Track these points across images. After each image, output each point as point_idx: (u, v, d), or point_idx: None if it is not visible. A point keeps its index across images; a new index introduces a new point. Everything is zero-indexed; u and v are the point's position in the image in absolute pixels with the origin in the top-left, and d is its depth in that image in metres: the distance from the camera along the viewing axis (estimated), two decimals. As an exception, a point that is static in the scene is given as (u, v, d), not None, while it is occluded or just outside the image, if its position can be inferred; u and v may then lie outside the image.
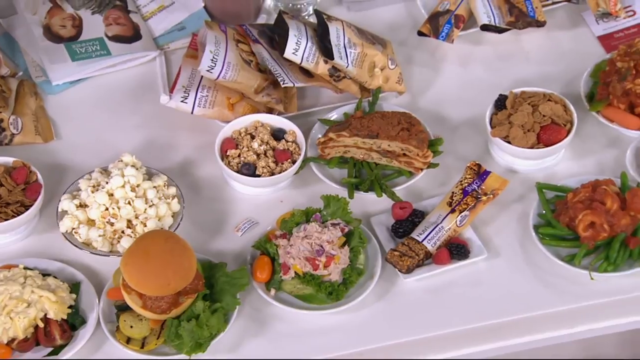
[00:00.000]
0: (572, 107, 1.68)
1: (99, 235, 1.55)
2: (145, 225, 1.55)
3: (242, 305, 1.51)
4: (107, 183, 1.57)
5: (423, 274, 1.55)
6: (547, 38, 1.85)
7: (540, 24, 1.82)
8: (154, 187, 1.59)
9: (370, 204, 1.65)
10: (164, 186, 1.61)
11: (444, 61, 1.84)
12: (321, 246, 1.52)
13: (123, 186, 1.56)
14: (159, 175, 1.63)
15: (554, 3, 1.87)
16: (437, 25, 1.84)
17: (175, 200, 1.60)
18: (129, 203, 1.55)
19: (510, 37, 1.85)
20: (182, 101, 1.69)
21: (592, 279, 1.53)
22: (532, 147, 1.65)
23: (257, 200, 1.66)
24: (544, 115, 1.66)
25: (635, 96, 1.67)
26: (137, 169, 1.59)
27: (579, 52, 1.82)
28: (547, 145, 1.65)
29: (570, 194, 1.58)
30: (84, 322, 1.48)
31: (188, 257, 1.43)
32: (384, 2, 1.92)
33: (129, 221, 1.56)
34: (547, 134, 1.65)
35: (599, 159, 1.68)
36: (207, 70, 1.67)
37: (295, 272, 1.52)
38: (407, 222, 1.60)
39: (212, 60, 1.67)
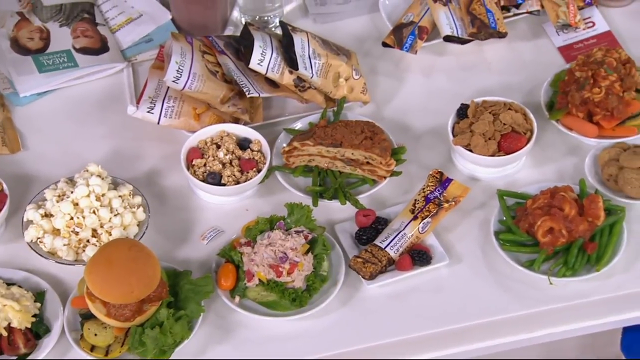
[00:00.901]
0: (532, 116, 1.71)
1: (64, 245, 1.56)
2: (110, 234, 1.56)
3: (207, 313, 1.53)
4: (72, 193, 1.58)
5: (386, 280, 1.57)
6: (509, 49, 1.89)
7: (501, 35, 1.86)
8: (119, 196, 1.60)
9: (334, 212, 1.67)
10: (130, 195, 1.62)
11: (408, 71, 1.87)
12: (285, 253, 1.54)
13: (88, 195, 1.58)
14: (124, 184, 1.64)
15: (515, 15, 1.91)
16: (401, 36, 1.87)
17: (141, 209, 1.61)
18: (94, 212, 1.56)
19: (473, 48, 1.89)
20: (148, 112, 1.71)
21: (551, 283, 1.56)
22: (493, 155, 1.68)
23: (223, 209, 1.68)
24: (504, 124, 1.70)
25: (593, 105, 1.71)
26: (102, 178, 1.61)
27: (540, 63, 1.85)
28: (507, 153, 1.68)
29: (530, 201, 1.61)
30: (48, 330, 1.49)
31: (152, 264, 1.45)
32: (350, 14, 1.95)
33: (94, 230, 1.57)
34: (507, 142, 1.68)
35: (559, 167, 1.72)
36: (173, 81, 1.69)
37: (259, 279, 1.53)
38: (370, 230, 1.63)
39: (177, 71, 1.69)
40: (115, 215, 1.57)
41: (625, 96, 1.71)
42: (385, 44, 1.87)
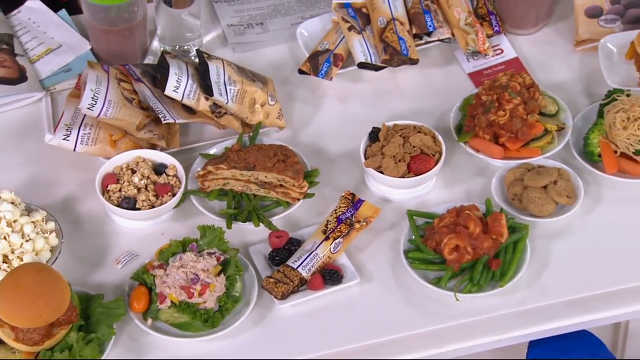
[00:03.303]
0: (440, 138, 1.77)
1: (-25, 270, 1.57)
2: (22, 260, 1.57)
3: (119, 336, 1.54)
4: (-17, 219, 1.59)
5: (298, 299, 1.60)
6: (421, 75, 1.95)
7: (413, 62, 1.92)
8: (32, 222, 1.61)
9: (249, 234, 1.70)
10: (43, 221, 1.64)
11: (324, 98, 1.92)
12: (196, 274, 1.56)
13: (-1, 221, 1.59)
14: (38, 210, 1.66)
15: (427, 42, 1.98)
16: (316, 63, 1.92)
17: (54, 234, 1.63)
18: (5, 238, 1.57)
19: (387, 75, 1.95)
20: (64, 139, 1.74)
21: (457, 299, 1.60)
22: (402, 177, 1.73)
23: (139, 233, 1.70)
24: (413, 146, 1.75)
25: (498, 127, 1.77)
26: (15, 205, 1.62)
27: (451, 88, 1.92)
28: (416, 175, 1.73)
29: (437, 220, 1.66)
30: (-44, 356, 1.49)
31: (61, 288, 1.46)
32: (268, 43, 2.00)
33: (5, 256, 1.58)
34: (416, 164, 1.73)
35: (468, 187, 1.77)
36: (88, 108, 1.72)
37: (171, 301, 1.55)
38: (283, 251, 1.66)
39: (92, 98, 1.72)
40: (27, 241, 1.59)
41: (529, 119, 1.78)
42: (301, 71, 1.92)
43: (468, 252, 1.62)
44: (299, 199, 1.72)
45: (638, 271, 1.65)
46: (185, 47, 1.96)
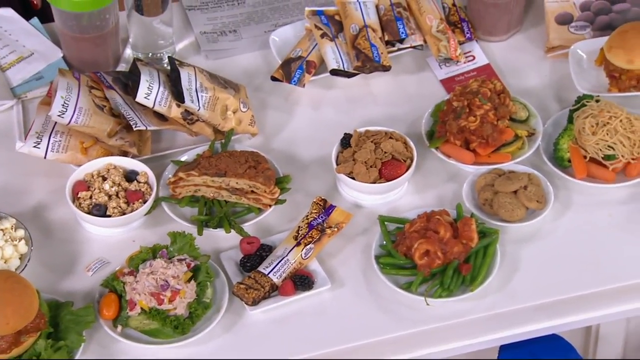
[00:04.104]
0: (412, 144, 1.78)
1: (-57, 278, 1.55)
2: (-10, 267, 1.57)
3: (89, 343, 1.54)
4: (-49, 227, 1.59)
5: (269, 305, 1.60)
6: (394, 82, 1.96)
7: (385, 69, 1.93)
8: (1, 229, 1.61)
9: (221, 241, 1.70)
10: (12, 229, 1.63)
11: (297, 104, 1.93)
12: (166, 281, 1.56)
13: (-33, 229, 1.58)
14: (7, 218, 1.65)
15: (399, 49, 1.99)
16: (289, 70, 1.93)
17: (23, 242, 1.62)
18: (-27, 245, 1.57)
19: (360, 82, 1.95)
20: (34, 146, 1.73)
21: (428, 304, 1.61)
22: (374, 182, 1.73)
23: (110, 240, 1.70)
24: (385, 152, 1.76)
25: (469, 133, 1.78)
26: (-16, 213, 1.62)
27: (423, 95, 1.93)
28: (388, 180, 1.74)
29: (407, 225, 1.67)
30: None
31: (29, 295, 1.45)
32: (241, 50, 2.01)
33: (-26, 263, 1.58)
34: (387, 169, 1.74)
35: (439, 193, 1.78)
36: (58, 115, 1.72)
37: (141, 308, 1.55)
38: (255, 257, 1.66)
39: (63, 105, 1.72)
40: (-5, 248, 1.58)
41: (499, 124, 1.79)
42: (274, 78, 1.93)
43: (438, 257, 1.62)
44: (270, 205, 1.72)
45: (607, 275, 1.66)
46: (158, 55, 1.96)
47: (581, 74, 1.90)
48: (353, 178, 1.74)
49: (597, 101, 1.81)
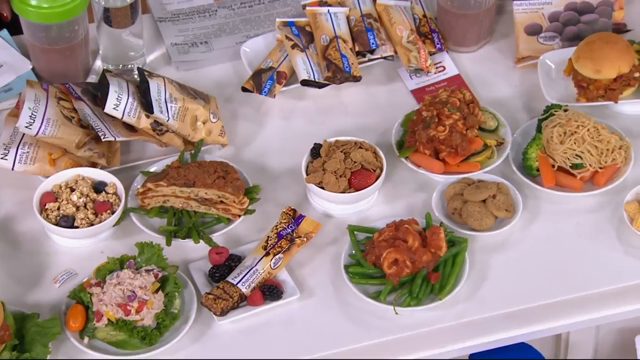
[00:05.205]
0: (381, 154, 1.78)
1: None
2: (-45, 279, 1.55)
3: (55, 355, 1.53)
4: None
5: (237, 315, 1.60)
6: (365, 92, 1.96)
7: (356, 79, 1.93)
8: (-34, 241, 1.60)
9: (190, 251, 1.70)
10: (-22, 240, 1.62)
11: (268, 115, 1.93)
12: (133, 292, 1.55)
13: None
14: (-27, 229, 1.64)
15: (370, 60, 1.99)
16: (259, 81, 1.93)
17: (-11, 253, 1.62)
18: (-62, 257, 1.55)
19: (331, 92, 1.96)
20: (2, 158, 1.72)
21: (396, 313, 1.61)
22: (344, 192, 1.73)
23: (78, 252, 1.69)
24: (354, 162, 1.76)
25: (438, 142, 1.79)
26: (-50, 224, 1.60)
27: (394, 105, 1.93)
28: (357, 190, 1.74)
29: (376, 234, 1.67)
30: None
31: (-7, 307, 1.44)
32: (212, 61, 2.01)
33: (-62, 275, 1.56)
34: (357, 179, 1.74)
35: (409, 202, 1.78)
36: (26, 127, 1.71)
37: (108, 319, 1.54)
38: (223, 267, 1.65)
39: (30, 116, 1.71)
40: (-40, 260, 1.57)
41: (468, 134, 1.80)
42: (244, 89, 1.93)
43: (407, 266, 1.62)
44: (239, 216, 1.72)
45: (576, 283, 1.66)
46: (129, 66, 1.95)
47: (550, 84, 1.91)
48: (323, 188, 1.74)
49: (566, 110, 1.82)
